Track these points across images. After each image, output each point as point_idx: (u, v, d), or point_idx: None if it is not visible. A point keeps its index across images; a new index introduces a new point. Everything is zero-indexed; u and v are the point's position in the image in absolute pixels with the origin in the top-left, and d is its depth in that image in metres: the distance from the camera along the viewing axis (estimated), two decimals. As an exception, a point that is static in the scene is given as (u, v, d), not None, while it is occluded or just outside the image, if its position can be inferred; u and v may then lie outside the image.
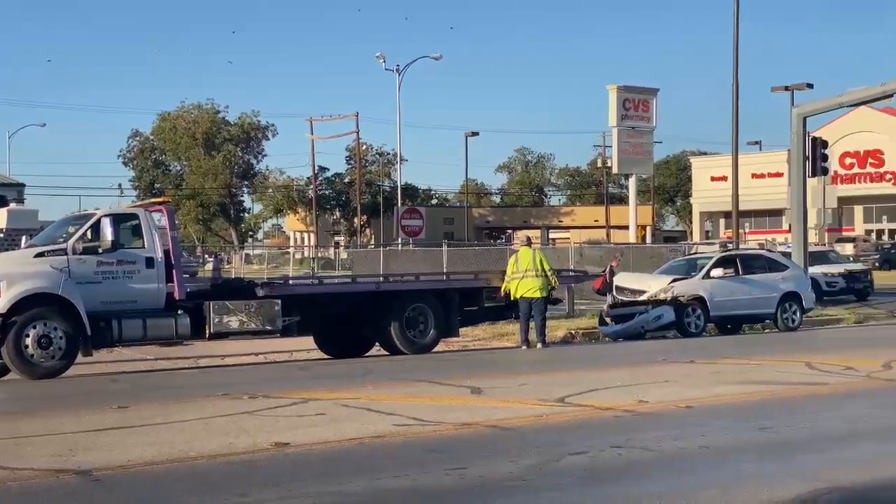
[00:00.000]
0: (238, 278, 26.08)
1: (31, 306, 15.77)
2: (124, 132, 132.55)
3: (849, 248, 56.35)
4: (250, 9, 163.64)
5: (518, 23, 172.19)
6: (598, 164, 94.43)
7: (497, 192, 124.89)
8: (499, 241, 74.32)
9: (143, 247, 16.89)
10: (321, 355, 20.26)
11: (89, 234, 16.53)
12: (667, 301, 24.07)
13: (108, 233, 16.36)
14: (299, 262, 70.31)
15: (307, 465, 8.44)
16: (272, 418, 10.78)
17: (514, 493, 7.41)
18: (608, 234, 75.07)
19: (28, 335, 15.62)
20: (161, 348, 20.13)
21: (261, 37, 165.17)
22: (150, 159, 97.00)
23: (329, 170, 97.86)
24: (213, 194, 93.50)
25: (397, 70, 64.67)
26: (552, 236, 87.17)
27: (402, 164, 74.44)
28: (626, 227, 64.95)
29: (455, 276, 23.27)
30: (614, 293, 26.22)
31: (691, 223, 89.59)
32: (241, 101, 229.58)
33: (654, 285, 25.44)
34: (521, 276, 20.10)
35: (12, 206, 33.49)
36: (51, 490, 7.66)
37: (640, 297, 25.12)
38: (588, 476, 7.95)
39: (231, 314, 17.44)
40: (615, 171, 66.54)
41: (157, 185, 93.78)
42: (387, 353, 19.49)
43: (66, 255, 16.21)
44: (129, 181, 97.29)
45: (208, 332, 17.39)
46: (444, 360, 18.52)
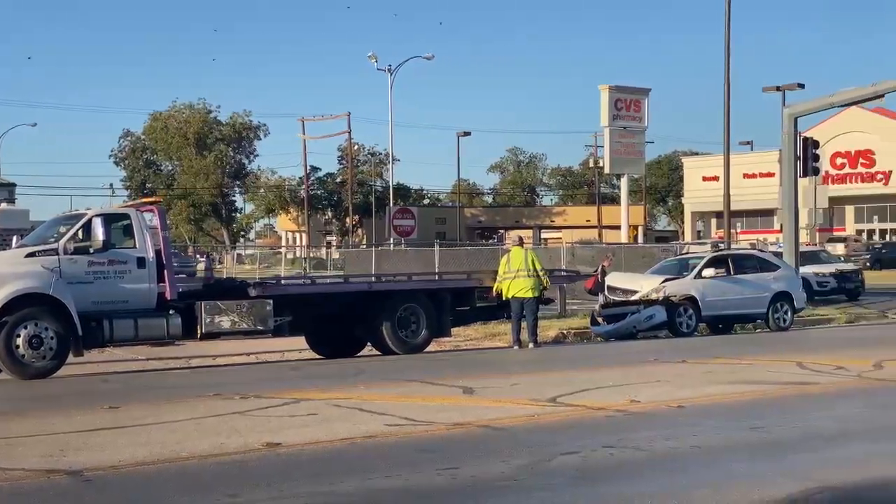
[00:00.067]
0: (230, 278, 26.02)
1: (21, 306, 15.73)
2: (116, 132, 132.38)
3: (840, 248, 56.52)
4: (243, 9, 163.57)
5: (510, 23, 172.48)
6: (590, 164, 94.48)
7: (489, 192, 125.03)
8: (491, 241, 74.30)
9: (134, 247, 16.85)
10: (313, 355, 20.24)
11: (80, 234, 16.47)
12: (658, 301, 24.09)
13: (99, 233, 16.33)
14: (291, 262, 70.24)
15: (299, 465, 8.43)
16: (264, 418, 10.76)
17: (506, 493, 7.41)
18: (600, 234, 75.13)
19: (19, 335, 15.58)
20: (152, 348, 20.08)
21: (252, 37, 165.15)
22: (141, 159, 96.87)
23: (321, 170, 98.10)
24: (205, 194, 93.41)
25: (389, 70, 64.67)
26: (544, 236, 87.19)
27: (393, 163, 74.39)
28: (618, 227, 64.95)
29: (447, 276, 23.28)
30: (606, 293, 26.26)
31: (683, 223, 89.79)
32: (233, 101, 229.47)
33: (645, 285, 25.47)
34: (513, 276, 20.11)
35: (3, 206, 33.47)
36: (42, 490, 7.65)
37: (632, 297, 25.14)
38: (580, 476, 7.95)
39: (223, 314, 17.41)
40: (607, 171, 66.51)
41: (148, 185, 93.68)
42: (379, 353, 19.47)
43: (58, 255, 16.17)
44: (121, 181, 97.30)
45: (200, 332, 17.37)
46: (436, 360, 18.51)
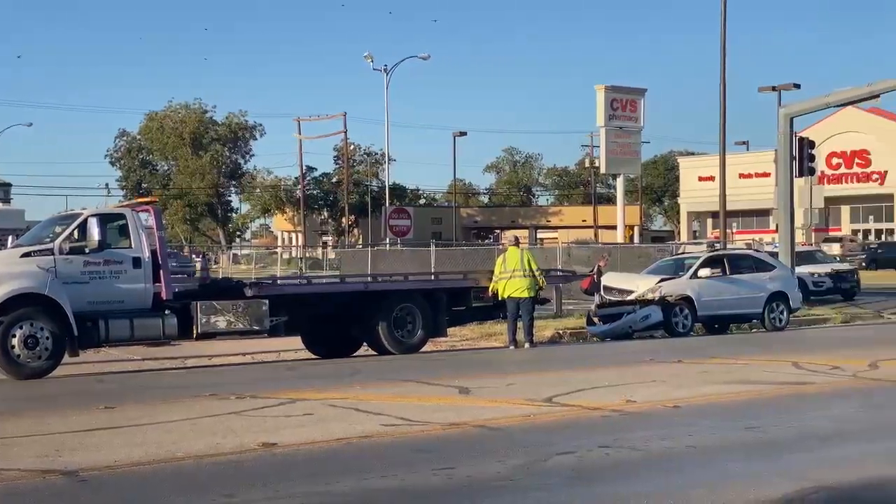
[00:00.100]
0: (226, 278, 25.99)
1: (17, 306, 15.71)
2: (112, 132, 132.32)
3: (835, 248, 56.58)
4: (240, 9, 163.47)
5: (506, 23, 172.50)
6: (586, 164, 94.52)
7: (485, 192, 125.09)
8: (487, 241, 74.33)
9: (130, 247, 16.84)
10: (309, 355, 20.23)
11: (76, 234, 16.46)
12: (654, 301, 24.09)
13: (94, 233, 16.32)
14: (287, 262, 70.25)
15: (295, 465, 8.43)
16: (260, 418, 10.76)
17: (502, 493, 7.41)
18: (596, 234, 75.20)
19: (14, 335, 15.56)
20: (148, 348, 20.04)
21: (248, 37, 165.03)
22: (137, 159, 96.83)
23: (317, 170, 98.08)
24: (201, 194, 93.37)
25: (385, 70, 64.64)
26: (540, 236, 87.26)
27: (389, 163, 74.39)
28: (614, 227, 65.01)
29: (443, 277, 23.25)
30: (602, 293, 26.25)
31: (679, 223, 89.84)
32: (229, 101, 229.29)
33: (641, 285, 25.47)
34: (509, 276, 20.11)
35: (-1, 206, 33.41)
36: (37, 491, 7.64)
37: (628, 297, 25.15)
38: (576, 476, 7.95)
39: (218, 314, 17.40)
40: (603, 171, 66.60)
41: (144, 185, 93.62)
42: (375, 353, 19.47)
43: (53, 255, 16.15)
44: (117, 181, 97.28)
45: (195, 332, 17.35)
46: (432, 360, 18.51)
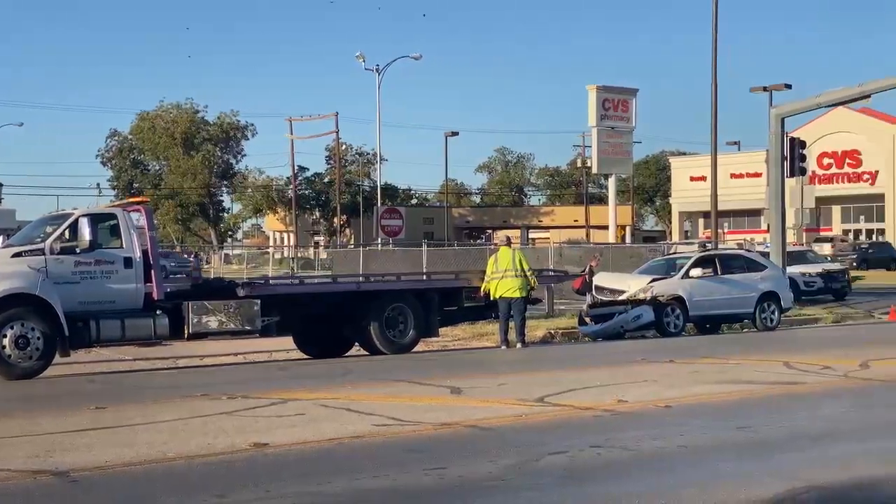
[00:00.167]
0: (218, 278, 25.97)
1: (8, 306, 15.66)
2: (104, 132, 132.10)
3: (827, 248, 56.60)
4: (236, 9, 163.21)
5: (498, 22, 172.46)
6: (578, 164, 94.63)
7: (477, 192, 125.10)
8: (478, 241, 74.33)
9: (121, 247, 16.79)
10: (301, 355, 20.21)
11: (67, 234, 16.43)
12: (646, 301, 24.11)
13: (85, 233, 16.27)
14: (279, 262, 70.17)
15: (286, 465, 8.42)
16: (251, 419, 10.75)
17: (494, 493, 7.41)
18: (588, 234, 75.25)
19: (5, 335, 15.51)
20: (139, 349, 20.05)
21: (240, 37, 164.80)
22: (128, 159, 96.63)
23: (308, 170, 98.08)
24: (192, 194, 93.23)
25: (377, 70, 64.58)
26: (532, 236, 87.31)
27: (381, 163, 74.27)
28: (606, 227, 65.06)
29: (435, 277, 23.25)
30: (594, 293, 26.26)
31: (670, 223, 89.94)
32: (221, 101, 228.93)
33: (633, 285, 25.49)
34: (501, 276, 20.11)
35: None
36: (28, 491, 7.62)
37: (620, 297, 25.16)
38: (567, 476, 7.96)
39: (210, 314, 17.37)
40: (595, 171, 66.63)
41: (135, 185, 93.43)
42: (366, 353, 19.46)
43: (44, 255, 16.10)
44: (108, 181, 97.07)
45: (187, 332, 17.32)
46: (424, 360, 18.51)
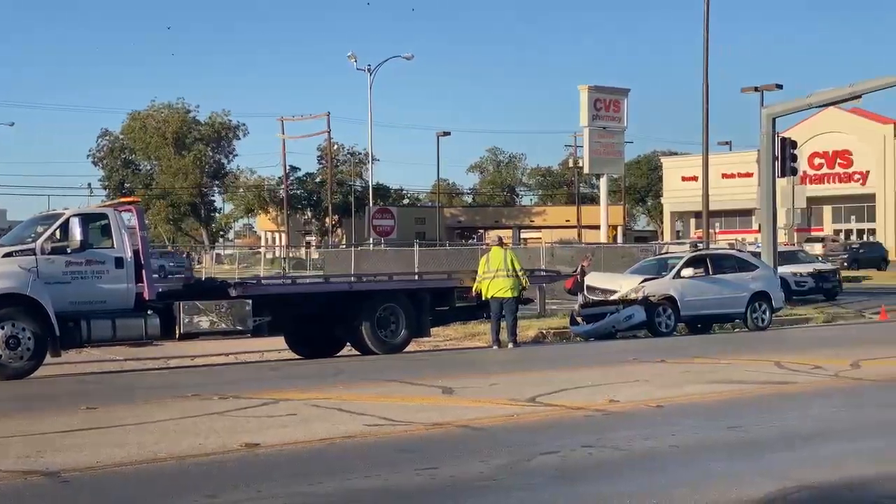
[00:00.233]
0: (210, 278, 25.95)
1: (-2, 307, 15.64)
2: (94, 131, 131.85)
3: (818, 248, 56.72)
4: (221, 9, 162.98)
5: (490, 22, 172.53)
6: (570, 164, 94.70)
7: (469, 191, 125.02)
8: (470, 241, 74.34)
9: (112, 247, 16.76)
10: (292, 355, 20.19)
11: (58, 234, 16.39)
12: (637, 301, 24.12)
13: (76, 233, 16.23)
14: (270, 262, 70.10)
15: (278, 465, 8.41)
16: (243, 419, 10.74)
17: (485, 493, 7.42)
18: (579, 234, 75.33)
19: (-4, 336, 15.49)
20: (131, 349, 19.99)
21: (233, 37, 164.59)
22: (119, 159, 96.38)
23: (300, 169, 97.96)
24: (184, 194, 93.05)
25: (369, 70, 64.61)
26: (524, 236, 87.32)
27: (373, 163, 74.40)
28: (598, 227, 65.10)
29: (427, 277, 23.25)
30: (585, 293, 26.28)
31: (662, 223, 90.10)
32: (212, 101, 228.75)
33: (624, 285, 25.50)
34: (492, 276, 20.11)
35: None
36: (18, 492, 7.60)
37: (611, 297, 25.15)
38: (559, 476, 7.96)
39: (201, 314, 17.34)
40: (586, 171, 66.68)
41: (126, 185, 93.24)
42: (358, 353, 19.44)
43: (35, 255, 16.06)
44: (99, 181, 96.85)
45: (178, 332, 17.30)
46: (416, 360, 18.50)
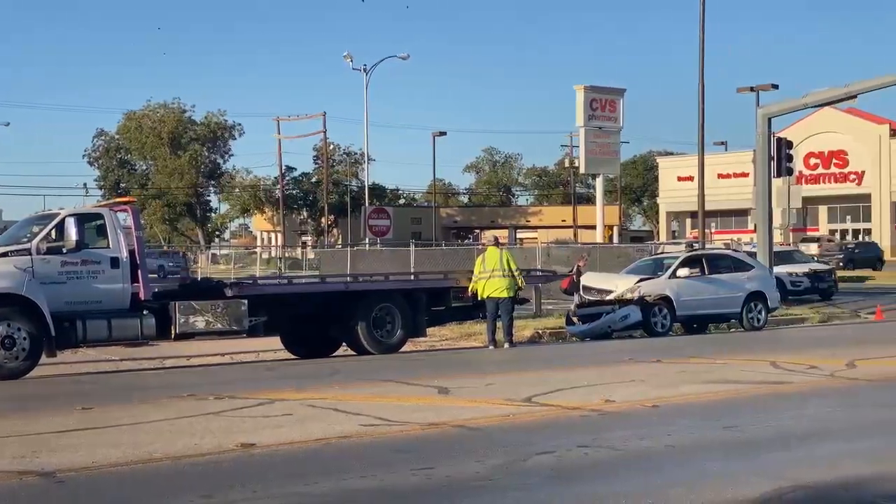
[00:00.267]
0: (206, 278, 25.91)
1: (-6, 307, 15.62)
2: (90, 131, 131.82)
3: (813, 248, 56.75)
4: (218, 9, 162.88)
5: (486, 22, 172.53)
6: (566, 164, 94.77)
7: (465, 192, 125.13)
8: (466, 241, 74.37)
9: (107, 247, 16.76)
10: (288, 355, 20.18)
11: (53, 234, 16.38)
12: (633, 301, 24.14)
13: (72, 232, 16.23)
14: (266, 262, 70.09)
15: (273, 465, 8.40)
16: (238, 419, 10.73)
17: (481, 493, 7.41)
18: (575, 234, 75.32)
19: (-9, 336, 15.48)
20: (126, 349, 19.97)
21: (229, 37, 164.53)
22: (115, 159, 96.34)
23: (296, 169, 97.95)
24: (180, 194, 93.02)
25: (364, 70, 64.53)
26: (520, 236, 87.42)
27: (369, 163, 74.32)
28: (594, 227, 65.20)
29: (423, 277, 23.24)
30: (581, 293, 26.27)
31: (658, 223, 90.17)
32: (208, 101, 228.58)
33: (620, 285, 25.51)
34: (488, 276, 20.11)
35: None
36: (13, 492, 7.59)
37: (607, 297, 25.17)
38: (555, 475, 7.96)
39: (197, 314, 17.33)
40: (582, 171, 66.79)
41: (122, 185, 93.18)
42: (354, 353, 19.44)
43: (30, 255, 16.06)
44: (95, 181, 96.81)
45: (174, 332, 17.28)
46: (412, 360, 18.50)
